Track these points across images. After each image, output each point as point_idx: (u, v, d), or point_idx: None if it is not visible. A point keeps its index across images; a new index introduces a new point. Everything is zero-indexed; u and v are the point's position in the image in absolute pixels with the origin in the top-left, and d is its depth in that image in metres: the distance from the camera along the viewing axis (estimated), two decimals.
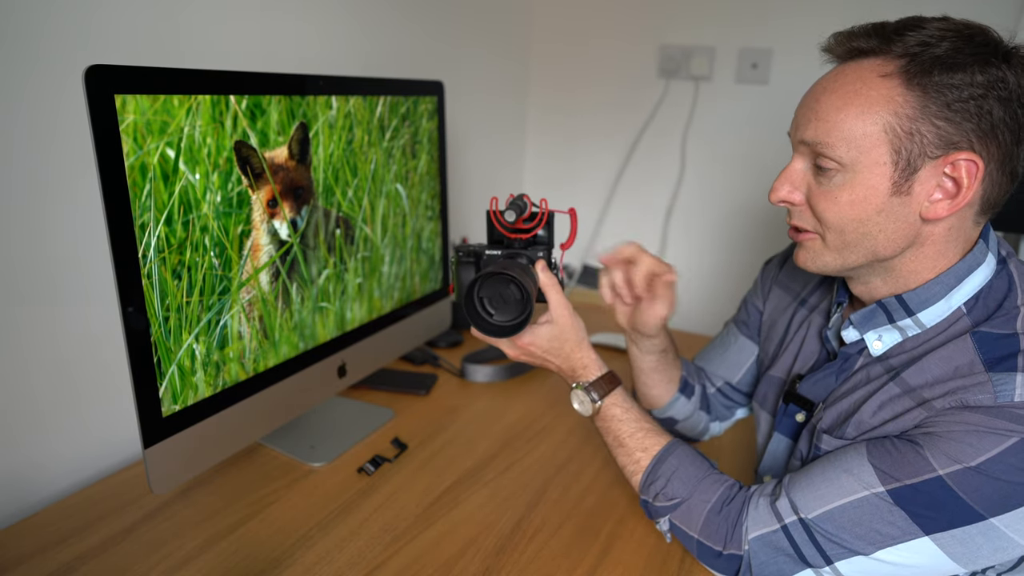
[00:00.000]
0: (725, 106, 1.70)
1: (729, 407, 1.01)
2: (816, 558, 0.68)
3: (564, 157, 1.97)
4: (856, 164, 0.65)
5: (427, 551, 0.83)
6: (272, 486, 0.94)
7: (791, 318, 0.89)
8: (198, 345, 0.79)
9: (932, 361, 0.66)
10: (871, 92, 0.64)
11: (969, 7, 1.43)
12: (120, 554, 0.80)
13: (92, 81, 0.65)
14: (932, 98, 0.61)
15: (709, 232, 1.81)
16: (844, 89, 0.65)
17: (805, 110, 0.69)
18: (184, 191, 0.75)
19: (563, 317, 0.83)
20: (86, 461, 0.98)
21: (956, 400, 0.62)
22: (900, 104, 0.62)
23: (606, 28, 1.81)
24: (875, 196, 0.65)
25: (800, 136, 0.69)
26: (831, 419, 0.74)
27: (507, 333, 0.80)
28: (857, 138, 0.64)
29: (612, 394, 0.83)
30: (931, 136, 0.62)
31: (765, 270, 0.98)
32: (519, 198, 0.84)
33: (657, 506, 0.78)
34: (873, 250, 0.68)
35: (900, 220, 0.66)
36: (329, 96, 0.93)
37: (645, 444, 0.81)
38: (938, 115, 0.61)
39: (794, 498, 0.69)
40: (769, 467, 0.86)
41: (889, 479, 0.64)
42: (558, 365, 0.85)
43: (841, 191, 0.66)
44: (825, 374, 0.78)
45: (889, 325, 0.72)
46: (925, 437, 0.63)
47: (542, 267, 0.84)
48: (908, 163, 0.63)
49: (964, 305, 0.68)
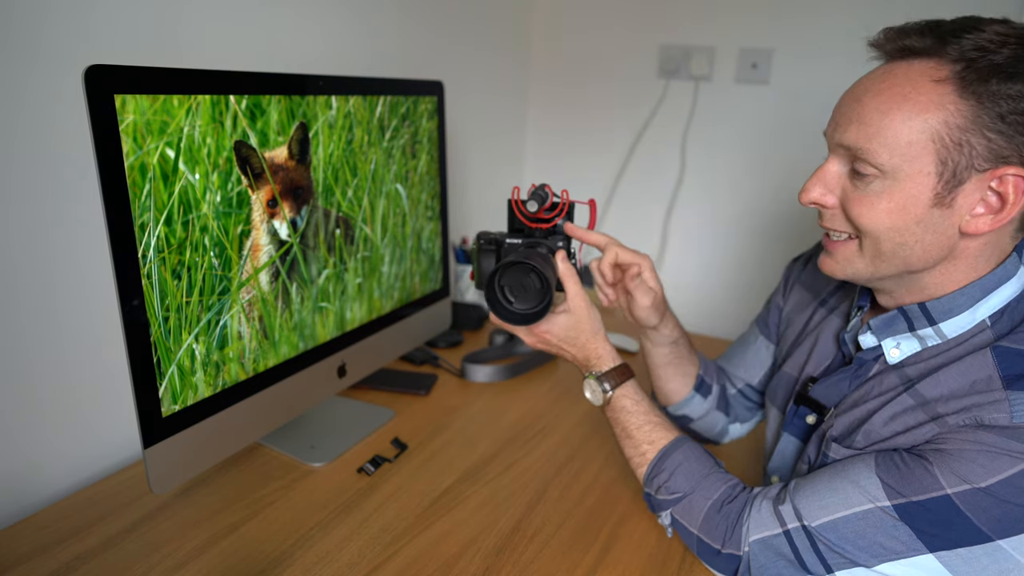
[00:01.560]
0: (725, 106, 1.70)
1: (751, 409, 1.00)
2: (816, 565, 0.67)
3: (564, 157, 1.97)
4: (898, 172, 0.62)
5: (427, 551, 0.83)
6: (272, 486, 0.94)
7: (809, 317, 0.88)
8: (198, 345, 0.79)
9: (949, 374, 0.63)
10: (921, 97, 0.60)
11: (969, 7, 1.43)
12: (120, 554, 0.80)
13: (92, 81, 0.65)
14: (987, 108, 0.58)
15: (709, 232, 1.81)
16: (892, 91, 0.61)
17: (846, 110, 0.65)
18: (184, 191, 0.75)
19: (580, 307, 0.84)
20: (86, 461, 0.97)
21: (971, 418, 0.60)
22: (952, 113, 0.59)
23: (606, 28, 1.81)
24: (915, 206, 0.62)
25: (839, 139, 0.65)
26: (842, 427, 0.72)
27: (526, 321, 0.82)
28: (902, 145, 0.61)
29: (624, 385, 0.83)
30: (981, 148, 0.59)
31: (790, 268, 0.97)
32: (541, 188, 0.86)
33: (659, 499, 0.79)
34: (907, 261, 0.65)
35: (938, 233, 0.63)
36: (329, 96, 0.93)
37: (652, 437, 0.81)
38: (991, 127, 0.58)
39: (799, 505, 0.68)
40: (777, 467, 0.86)
41: (896, 494, 0.62)
42: (573, 354, 0.86)
43: (879, 198, 0.63)
44: (839, 379, 0.77)
45: (909, 333, 0.69)
46: (936, 454, 0.61)
47: (562, 257, 0.86)
48: (954, 175, 0.60)
49: (989, 318, 0.65)
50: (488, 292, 0.82)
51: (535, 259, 0.80)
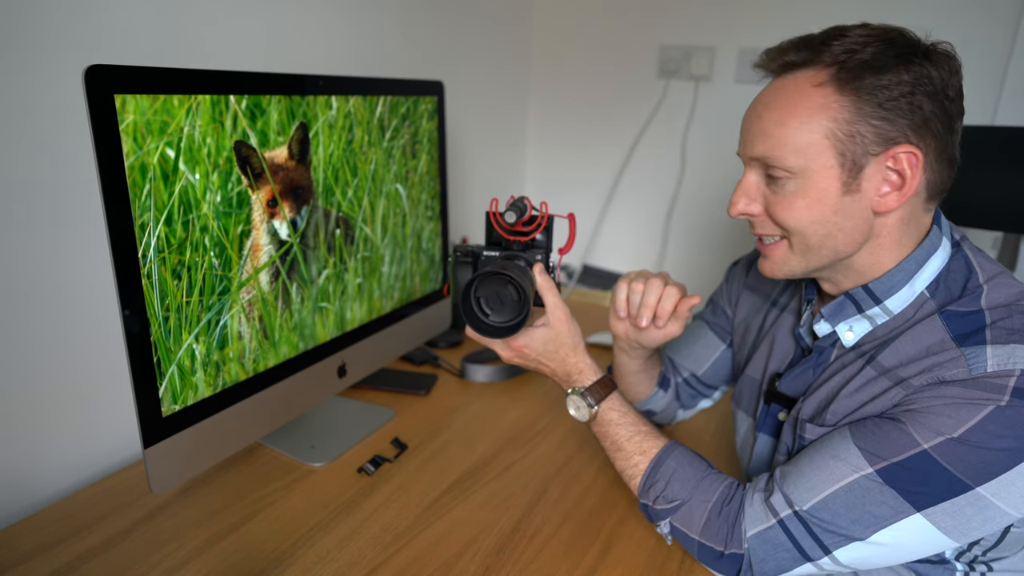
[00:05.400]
0: (725, 106, 1.70)
1: (694, 396, 1.05)
2: (814, 549, 0.68)
3: (564, 156, 1.97)
4: (806, 170, 0.68)
5: (427, 551, 0.83)
6: (272, 486, 0.94)
7: (763, 319, 0.91)
8: (198, 345, 0.79)
9: (904, 342, 0.69)
10: (808, 103, 0.67)
11: (969, 7, 1.43)
12: (120, 554, 0.80)
13: (92, 81, 0.65)
14: (865, 100, 0.65)
15: (709, 232, 1.81)
16: (783, 104, 0.69)
17: (750, 126, 0.72)
18: (184, 191, 0.75)
19: (560, 321, 0.83)
20: (86, 461, 0.98)
21: (932, 377, 0.65)
22: (836, 110, 0.66)
23: (606, 28, 1.81)
24: (828, 197, 0.68)
25: (750, 153, 0.72)
26: (811, 408, 0.76)
27: (503, 334, 0.80)
28: (803, 147, 0.67)
29: (608, 398, 0.83)
30: (870, 135, 0.65)
31: (731, 273, 1.01)
32: (520, 200, 0.84)
33: (657, 509, 0.78)
34: (835, 249, 0.71)
35: (855, 217, 0.69)
36: (329, 96, 0.93)
37: (643, 447, 0.81)
38: (873, 115, 0.65)
39: (787, 492, 0.70)
40: (757, 469, 0.87)
41: (877, 459, 0.65)
42: (552, 369, 0.85)
43: (796, 197, 0.70)
44: (802, 369, 0.80)
45: (859, 315, 0.74)
46: (907, 414, 0.65)
47: (540, 270, 0.84)
48: (853, 163, 0.67)
49: (927, 290, 0.71)
50: (463, 303, 0.79)
51: (512, 270, 0.78)
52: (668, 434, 1.08)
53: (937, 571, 0.72)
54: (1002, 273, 0.70)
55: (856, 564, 0.68)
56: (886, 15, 0.74)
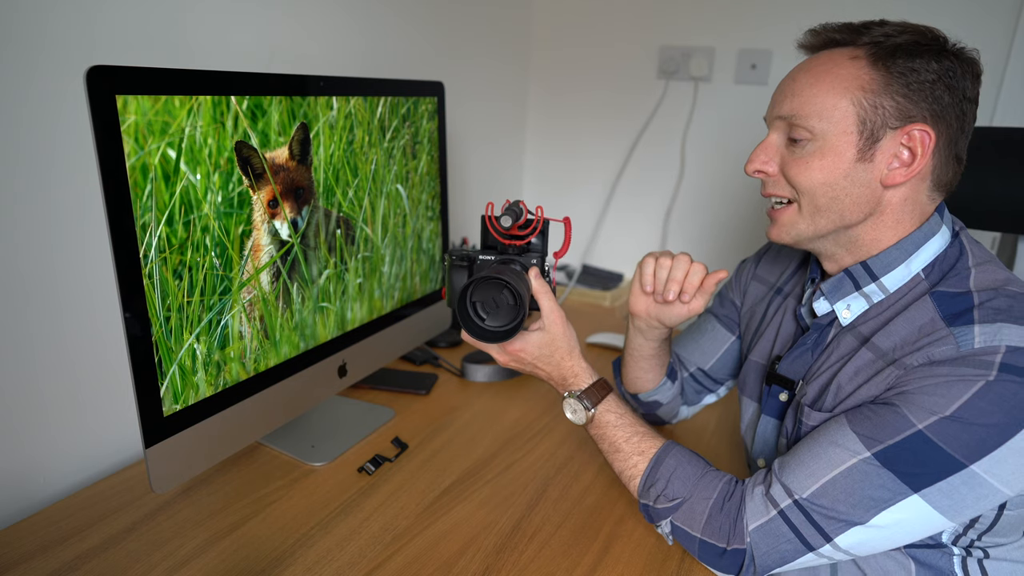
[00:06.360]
0: (725, 106, 1.70)
1: (699, 392, 1.05)
2: (816, 537, 0.69)
3: (564, 157, 1.97)
4: (826, 133, 0.72)
5: (427, 551, 0.83)
6: (273, 485, 0.94)
7: (768, 305, 0.93)
8: (199, 345, 0.79)
9: (898, 324, 0.71)
10: (841, 71, 0.72)
11: (967, 7, 1.44)
12: (121, 553, 0.80)
13: (93, 81, 0.65)
14: (894, 77, 0.69)
15: (708, 232, 1.81)
16: (818, 69, 0.73)
17: (783, 88, 0.76)
18: (185, 191, 0.75)
19: (555, 325, 0.84)
20: (87, 460, 0.98)
21: (924, 357, 0.67)
22: (867, 81, 0.70)
23: (606, 29, 1.81)
24: (842, 162, 0.72)
25: (777, 112, 0.76)
26: (813, 393, 0.77)
27: (498, 338, 0.80)
28: (828, 109, 0.71)
29: (605, 400, 0.84)
30: (892, 109, 0.70)
31: (741, 268, 1.03)
32: (515, 204, 0.84)
33: (658, 508, 0.78)
34: (841, 214, 0.74)
35: (863, 185, 0.72)
36: (330, 96, 0.93)
37: (641, 448, 0.81)
38: (898, 92, 0.69)
39: (786, 481, 0.71)
40: (760, 450, 0.87)
41: (873, 443, 0.66)
42: (548, 372, 0.86)
43: (812, 158, 0.73)
44: (802, 350, 0.82)
45: (856, 293, 0.76)
46: (900, 396, 0.67)
47: (535, 274, 0.85)
48: (872, 133, 0.71)
49: (922, 271, 0.74)
50: (459, 308, 0.79)
51: (508, 275, 0.78)
52: (667, 434, 1.10)
53: (935, 556, 0.73)
54: (991, 260, 0.73)
55: (856, 549, 0.69)
56: (886, 15, 0.75)
